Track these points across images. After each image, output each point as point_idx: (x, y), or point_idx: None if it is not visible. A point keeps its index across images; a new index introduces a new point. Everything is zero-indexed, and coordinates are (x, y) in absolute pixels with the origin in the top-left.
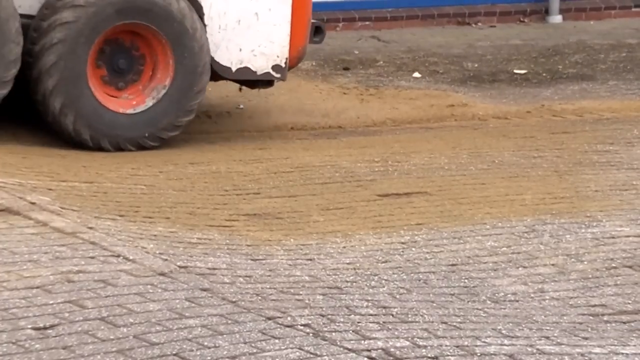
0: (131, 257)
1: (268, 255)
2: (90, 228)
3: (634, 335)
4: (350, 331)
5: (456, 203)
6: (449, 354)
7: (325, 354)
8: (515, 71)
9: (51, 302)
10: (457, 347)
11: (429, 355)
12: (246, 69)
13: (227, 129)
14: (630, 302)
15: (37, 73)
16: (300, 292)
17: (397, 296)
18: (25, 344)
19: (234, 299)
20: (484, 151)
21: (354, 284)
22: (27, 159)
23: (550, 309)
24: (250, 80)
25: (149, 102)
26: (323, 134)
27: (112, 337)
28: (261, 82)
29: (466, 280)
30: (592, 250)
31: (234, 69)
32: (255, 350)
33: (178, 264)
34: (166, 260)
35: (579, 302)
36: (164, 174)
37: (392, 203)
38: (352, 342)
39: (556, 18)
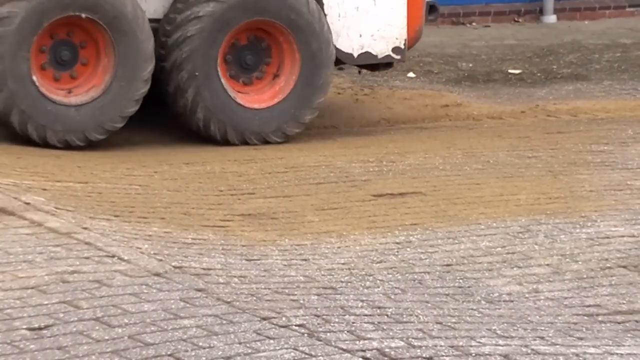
0: (126, 258)
1: (263, 256)
2: (85, 228)
3: (629, 335)
4: (345, 331)
5: (451, 203)
6: (443, 354)
7: (320, 354)
8: (510, 71)
9: (46, 302)
10: (452, 347)
11: (424, 355)
12: (367, 53)
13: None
14: (624, 302)
15: (169, 67)
16: (295, 293)
17: (392, 296)
18: (20, 345)
19: (228, 300)
20: (479, 151)
21: (349, 284)
22: (22, 159)
23: (545, 309)
24: (371, 64)
25: (275, 98)
26: (317, 134)
27: (107, 337)
28: (381, 65)
29: (461, 281)
30: (586, 250)
31: (355, 55)
32: (250, 351)
33: (173, 264)
34: (161, 260)
35: (573, 302)
36: (159, 174)
37: (387, 203)
38: (346, 342)
39: (550, 18)
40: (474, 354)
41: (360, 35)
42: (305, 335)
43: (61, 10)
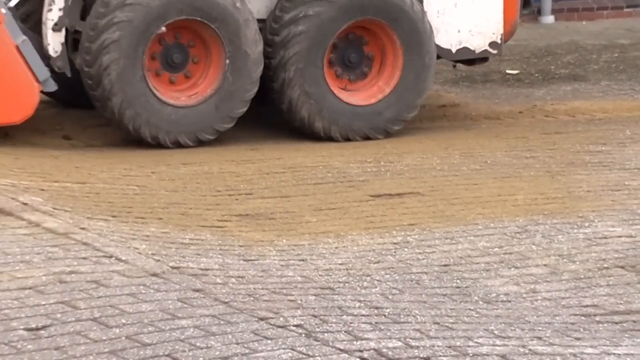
0: (123, 258)
1: (260, 256)
2: (83, 229)
3: (626, 335)
4: (343, 332)
5: (448, 203)
6: (441, 354)
7: (317, 354)
8: (508, 71)
9: (43, 302)
10: (450, 347)
11: (421, 355)
12: (465, 49)
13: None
14: (622, 302)
15: (275, 65)
16: (293, 293)
17: (390, 297)
18: (17, 345)
19: (226, 300)
20: (476, 151)
21: (347, 284)
22: (20, 159)
23: (543, 310)
24: (468, 59)
25: (378, 96)
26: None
27: (104, 337)
28: (478, 59)
29: (458, 281)
30: (584, 250)
31: (454, 50)
32: (247, 351)
33: (170, 264)
34: (159, 260)
35: (571, 302)
36: (157, 174)
37: (385, 203)
38: (344, 342)
39: (548, 18)
40: (471, 354)
41: (459, 31)
42: (303, 335)
43: (177, 13)
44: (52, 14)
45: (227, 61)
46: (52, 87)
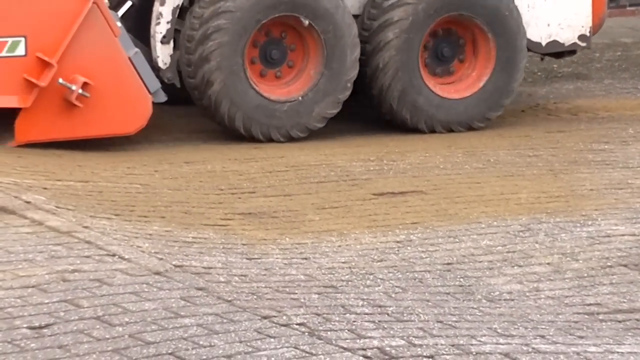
0: (126, 256)
1: (263, 254)
2: (86, 227)
3: (629, 334)
4: (346, 330)
5: (451, 202)
6: (444, 352)
7: (320, 352)
8: None
9: (46, 301)
10: (453, 346)
11: (425, 354)
12: (555, 42)
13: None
14: (625, 300)
15: (372, 69)
16: (296, 291)
17: (393, 295)
18: (20, 343)
19: (229, 298)
20: (479, 150)
21: (350, 283)
22: (23, 158)
23: (546, 308)
24: (557, 52)
25: (473, 88)
26: (318, 133)
27: (107, 336)
28: (566, 52)
29: (461, 279)
30: (587, 249)
31: (543, 44)
32: (250, 349)
33: (173, 263)
34: (161, 259)
35: (574, 300)
36: (159, 173)
37: (388, 202)
38: (347, 341)
39: None
40: (474, 353)
41: (548, 25)
42: (306, 334)
43: (274, 9)
44: (161, 27)
45: (325, 59)
46: (162, 98)
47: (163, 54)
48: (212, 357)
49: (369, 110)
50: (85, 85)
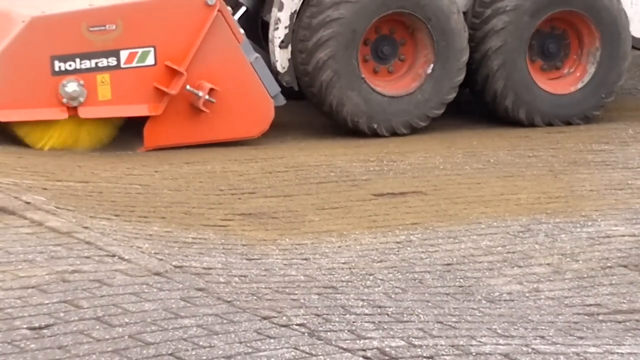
0: (126, 257)
1: (263, 255)
2: (86, 228)
3: (629, 334)
4: (346, 331)
5: (451, 202)
6: (444, 353)
7: (320, 353)
8: None
9: (46, 301)
10: (453, 346)
11: (425, 354)
12: None
13: None
14: (625, 301)
15: (479, 58)
16: (296, 292)
17: (393, 296)
18: (20, 344)
19: (229, 299)
20: (479, 151)
21: (349, 283)
22: (23, 158)
23: (546, 309)
24: None
25: (577, 84)
26: (318, 133)
27: (107, 336)
28: None
29: (461, 280)
30: (587, 249)
31: None
32: (250, 350)
33: (173, 263)
34: (161, 260)
35: (574, 301)
36: (159, 173)
37: (388, 202)
38: (347, 341)
39: None
40: (474, 353)
41: None
42: (306, 334)
43: (386, 7)
44: (279, 32)
45: (434, 52)
46: (282, 101)
47: (281, 58)
48: (212, 358)
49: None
50: (211, 91)
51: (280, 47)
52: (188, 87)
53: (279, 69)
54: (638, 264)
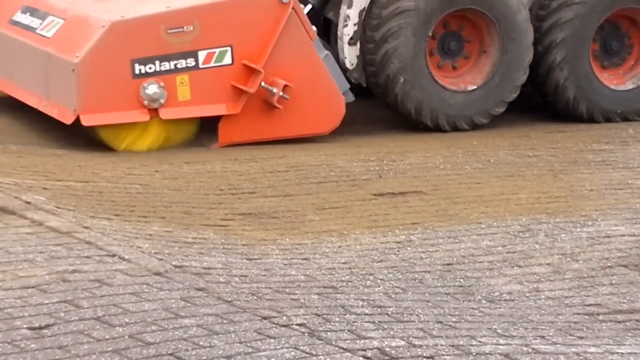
0: (126, 257)
1: (263, 255)
2: (86, 227)
3: (629, 334)
4: (346, 331)
5: (451, 202)
6: (444, 353)
7: (320, 353)
8: None
9: (46, 301)
10: (453, 346)
11: (425, 354)
12: None
13: None
14: (625, 301)
15: (542, 50)
16: (296, 292)
17: (393, 295)
18: (20, 344)
19: (229, 299)
20: (479, 150)
21: (350, 283)
22: (23, 158)
23: (546, 309)
24: None
25: (629, 85)
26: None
27: (107, 336)
28: None
29: (461, 280)
30: (587, 249)
31: None
32: (250, 350)
33: (173, 263)
34: (161, 259)
35: (574, 301)
36: (159, 173)
37: (388, 202)
38: (347, 341)
39: None
40: (474, 353)
41: None
42: (306, 334)
43: (455, 3)
44: (348, 29)
45: (501, 48)
46: (351, 98)
47: (350, 55)
48: (212, 358)
49: (369, 111)
50: (285, 88)
51: (349, 43)
52: (263, 83)
53: (348, 65)
54: (638, 263)
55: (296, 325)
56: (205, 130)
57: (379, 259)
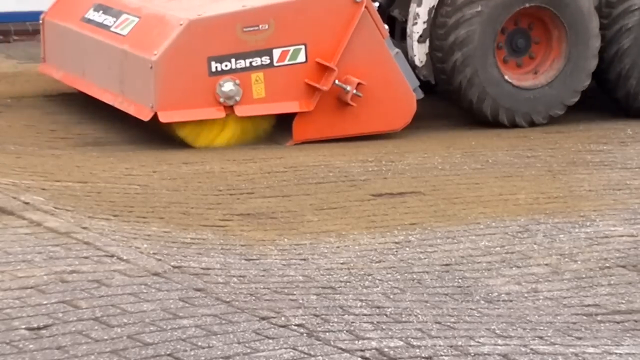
0: (125, 257)
1: (262, 255)
2: (84, 228)
3: (628, 335)
4: (344, 331)
5: (450, 203)
6: (442, 354)
7: (319, 354)
8: None
9: (45, 302)
10: (451, 347)
11: (423, 355)
12: None
13: None
14: (623, 302)
15: (611, 56)
16: (294, 292)
17: (391, 296)
18: (19, 345)
19: (227, 299)
20: (478, 151)
21: (348, 283)
22: (21, 159)
23: (544, 309)
24: None
25: None
26: None
27: (106, 337)
28: None
29: (460, 280)
30: (585, 250)
31: None
32: (249, 351)
33: (172, 264)
34: (160, 260)
35: (572, 302)
36: (158, 173)
37: (386, 203)
38: (346, 342)
39: None
40: (473, 354)
41: None
42: (305, 335)
43: (521, 2)
44: (417, 27)
45: (568, 53)
46: (420, 95)
47: (419, 52)
48: (211, 358)
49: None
50: (358, 86)
51: (418, 41)
52: (337, 81)
53: (417, 63)
54: (636, 264)
55: (295, 325)
56: (279, 127)
57: (377, 259)
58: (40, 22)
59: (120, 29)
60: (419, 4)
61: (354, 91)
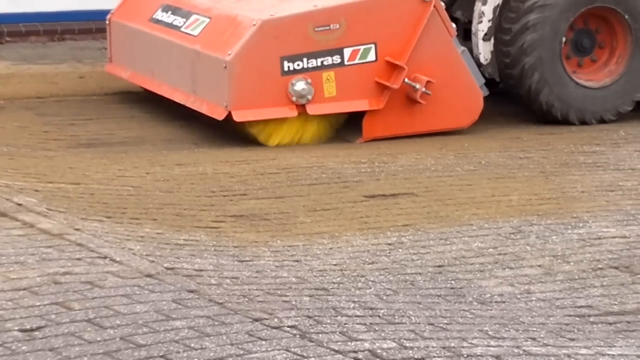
0: (118, 259)
1: (255, 257)
2: (77, 229)
3: (620, 336)
4: (337, 332)
5: (443, 204)
6: (435, 355)
7: (312, 355)
8: None
9: (38, 303)
10: (444, 348)
11: (416, 356)
12: None
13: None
14: (616, 303)
15: None
16: (287, 294)
17: (384, 297)
18: (11, 346)
19: (220, 301)
20: (471, 152)
21: (341, 285)
22: (14, 160)
23: (537, 310)
24: None
25: None
26: None
27: (98, 338)
28: None
29: (453, 282)
30: (578, 251)
31: None
32: (242, 352)
33: (165, 265)
34: (153, 261)
35: (565, 303)
36: (151, 175)
37: (379, 204)
38: (338, 343)
39: None
40: (465, 355)
41: None
42: (297, 336)
43: (589, 2)
44: (482, 25)
45: (633, 46)
46: (485, 92)
47: (484, 50)
48: None
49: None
50: (427, 84)
51: (483, 39)
52: (406, 80)
53: (482, 61)
54: (629, 265)
55: (287, 327)
56: (348, 126)
57: (370, 260)
58: (107, 22)
59: (191, 29)
60: (484, 3)
61: (423, 89)
